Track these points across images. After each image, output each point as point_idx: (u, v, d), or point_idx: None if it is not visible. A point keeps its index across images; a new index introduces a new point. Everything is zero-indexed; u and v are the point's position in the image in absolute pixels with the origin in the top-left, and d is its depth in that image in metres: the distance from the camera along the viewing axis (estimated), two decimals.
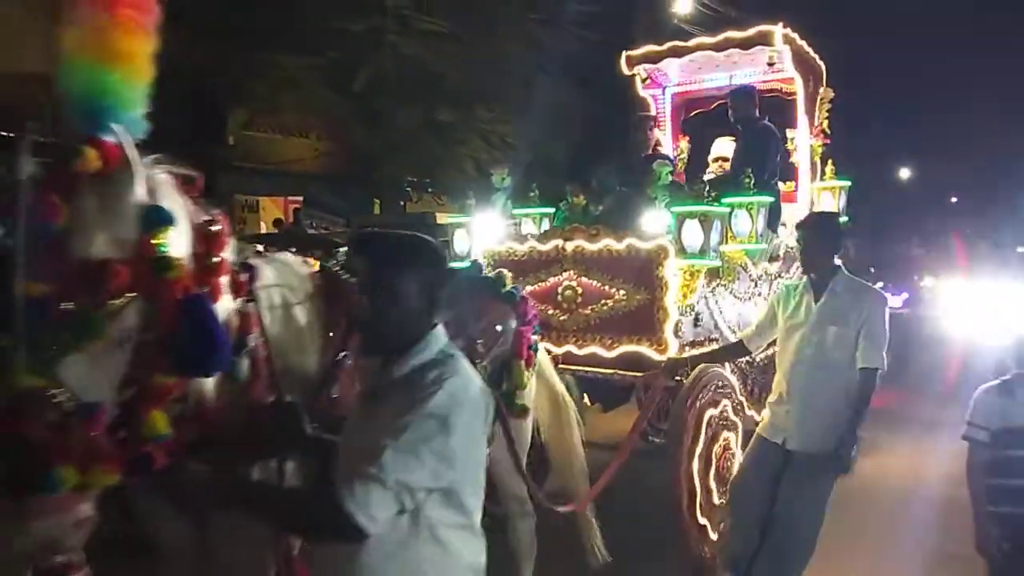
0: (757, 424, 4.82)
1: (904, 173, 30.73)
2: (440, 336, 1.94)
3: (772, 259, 5.67)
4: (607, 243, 4.68)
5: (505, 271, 3.73)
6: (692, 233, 4.47)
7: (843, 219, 6.30)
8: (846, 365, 3.76)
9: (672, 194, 4.82)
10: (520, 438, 3.59)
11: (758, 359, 5.03)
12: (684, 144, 6.63)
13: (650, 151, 5.99)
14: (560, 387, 4.12)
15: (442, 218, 11.58)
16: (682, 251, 4.54)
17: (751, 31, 5.78)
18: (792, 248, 5.92)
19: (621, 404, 5.56)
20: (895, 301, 11.61)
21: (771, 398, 4.04)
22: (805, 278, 3.98)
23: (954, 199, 34.63)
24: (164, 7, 2.02)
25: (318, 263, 3.56)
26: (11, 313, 1.74)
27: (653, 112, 6.56)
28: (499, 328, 3.47)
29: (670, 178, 4.83)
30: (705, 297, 4.82)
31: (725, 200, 4.95)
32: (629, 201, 4.99)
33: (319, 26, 12.51)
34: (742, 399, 4.87)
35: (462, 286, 3.40)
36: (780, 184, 6.47)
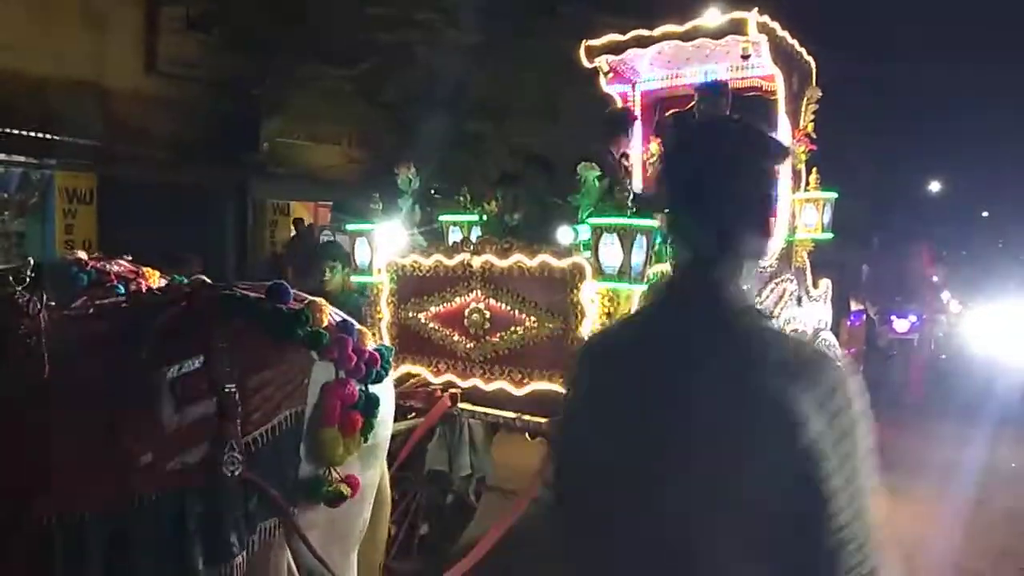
0: None
1: (934, 186, 28.29)
2: None
3: None
4: (518, 259, 3.54)
5: (320, 302, 2.44)
6: (610, 250, 3.29)
7: (827, 235, 5.02)
8: None
9: (598, 204, 3.63)
10: (338, 530, 2.38)
11: None
12: (655, 147, 5.40)
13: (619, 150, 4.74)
14: (384, 475, 2.77)
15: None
16: (600, 272, 3.37)
17: (722, 19, 4.54)
18: (765, 268, 4.67)
19: None
20: (901, 325, 9.83)
21: None
22: None
23: (985, 213, 31.87)
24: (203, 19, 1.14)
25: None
26: None
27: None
28: (304, 383, 2.24)
29: (597, 184, 3.64)
30: None
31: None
32: (551, 210, 3.82)
33: (351, 38, 12.01)
34: None
35: (220, 325, 2.15)
36: None
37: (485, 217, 4.13)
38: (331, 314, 2.43)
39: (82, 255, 2.71)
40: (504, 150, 13.41)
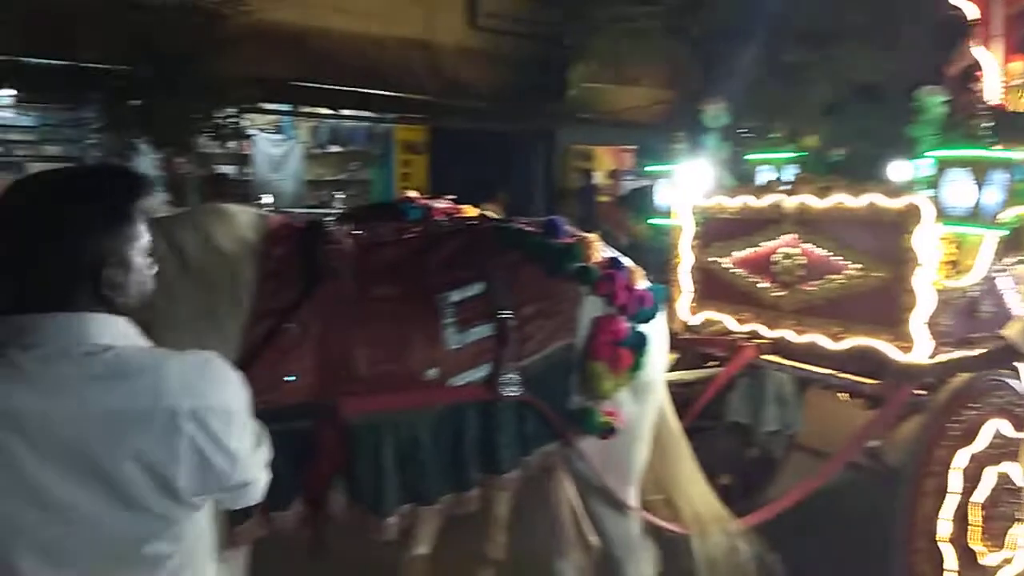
0: None
1: None
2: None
3: None
4: (840, 200, 3.14)
5: (592, 238, 2.49)
6: (958, 188, 2.78)
7: None
8: None
9: (942, 134, 3.06)
10: (613, 461, 2.46)
11: None
12: (1020, 66, 4.45)
13: (957, 69, 4.01)
14: (666, 410, 2.77)
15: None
16: (943, 213, 2.86)
17: None
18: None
19: None
20: None
21: None
22: None
23: None
24: None
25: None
26: None
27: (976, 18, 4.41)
28: (574, 316, 2.34)
29: (940, 111, 3.07)
30: (992, 278, 3.06)
31: None
32: (882, 145, 3.32)
33: None
34: None
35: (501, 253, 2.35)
36: None
37: (804, 153, 3.73)
38: (602, 251, 2.47)
39: (413, 194, 3.01)
40: (827, 80, 12.21)
